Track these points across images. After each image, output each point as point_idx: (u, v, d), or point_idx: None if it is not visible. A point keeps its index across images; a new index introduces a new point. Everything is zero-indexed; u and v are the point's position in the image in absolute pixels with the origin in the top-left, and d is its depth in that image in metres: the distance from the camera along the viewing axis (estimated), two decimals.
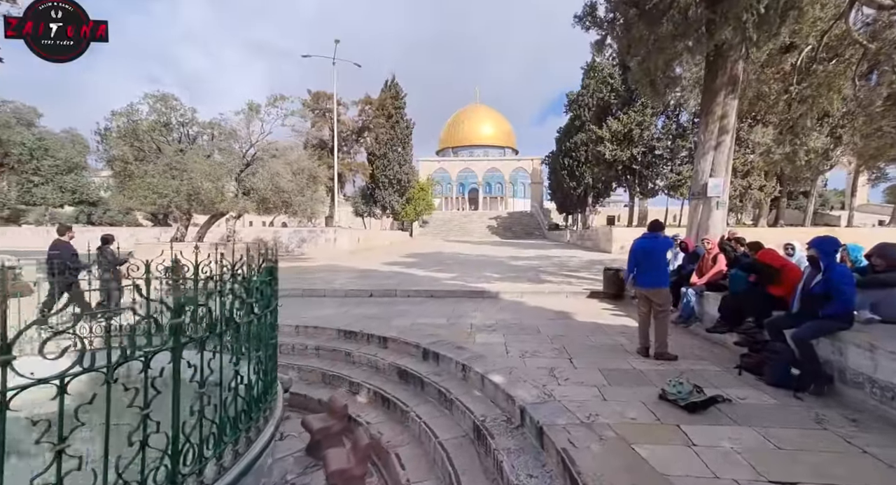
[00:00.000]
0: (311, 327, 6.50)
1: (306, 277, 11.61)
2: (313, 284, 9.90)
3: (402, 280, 10.85)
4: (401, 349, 5.66)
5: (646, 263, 4.66)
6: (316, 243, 20.94)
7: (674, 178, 20.24)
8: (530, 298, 8.73)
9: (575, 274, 12.28)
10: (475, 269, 13.64)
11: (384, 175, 35.99)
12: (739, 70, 7.72)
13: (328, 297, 9.06)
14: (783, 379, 3.61)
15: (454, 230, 51.39)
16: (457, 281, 10.69)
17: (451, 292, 9.11)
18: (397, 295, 9.11)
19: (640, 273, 4.73)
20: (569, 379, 4.10)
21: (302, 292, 9.23)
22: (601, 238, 23.39)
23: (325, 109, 25.21)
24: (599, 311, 7.49)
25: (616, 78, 21.50)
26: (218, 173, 11.66)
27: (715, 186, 7.92)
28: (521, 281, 10.72)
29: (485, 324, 6.48)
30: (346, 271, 13.04)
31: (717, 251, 5.67)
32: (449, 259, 17.75)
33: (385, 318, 6.99)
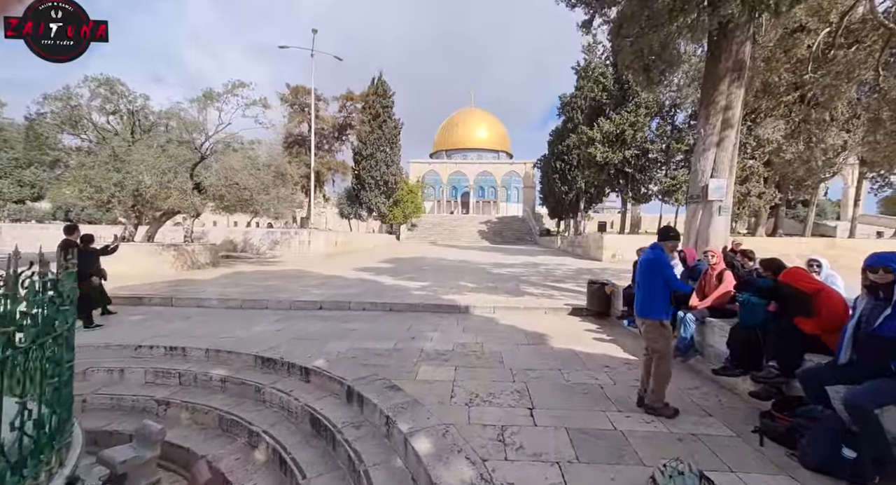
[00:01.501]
0: (226, 352, 5.27)
1: (257, 284, 10.36)
2: (256, 295, 8.65)
3: (363, 290, 9.64)
4: (324, 385, 4.45)
5: (641, 283, 3.51)
6: (289, 246, 19.67)
7: (668, 182, 19.19)
8: (503, 314, 7.56)
9: (559, 285, 11.14)
10: (452, 277, 12.46)
11: (370, 176, 34.75)
12: (746, 54, 6.65)
13: (270, 309, 7.82)
14: (830, 462, 2.47)
15: (443, 234, 50.20)
16: (426, 291, 9.50)
17: (414, 306, 7.92)
18: (350, 308, 7.90)
19: (636, 295, 3.58)
20: (523, 448, 2.92)
21: (241, 303, 7.98)
22: (591, 245, 22.32)
23: (305, 104, 23.93)
24: (580, 333, 6.33)
25: (608, 77, 20.51)
26: (163, 167, 10.39)
27: (717, 189, 6.83)
28: (497, 293, 9.55)
29: (438, 350, 5.29)
30: (308, 277, 11.79)
31: (723, 267, 4.54)
32: (428, 265, 16.56)
33: (322, 339, 5.78)
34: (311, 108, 21.96)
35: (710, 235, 6.93)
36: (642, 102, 19.57)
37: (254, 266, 15.00)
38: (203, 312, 7.47)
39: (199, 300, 8.04)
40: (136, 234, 12.54)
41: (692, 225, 7.33)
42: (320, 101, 26.35)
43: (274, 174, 14.66)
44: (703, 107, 7.12)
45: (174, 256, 12.32)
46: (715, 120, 6.86)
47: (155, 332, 6.05)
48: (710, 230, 6.95)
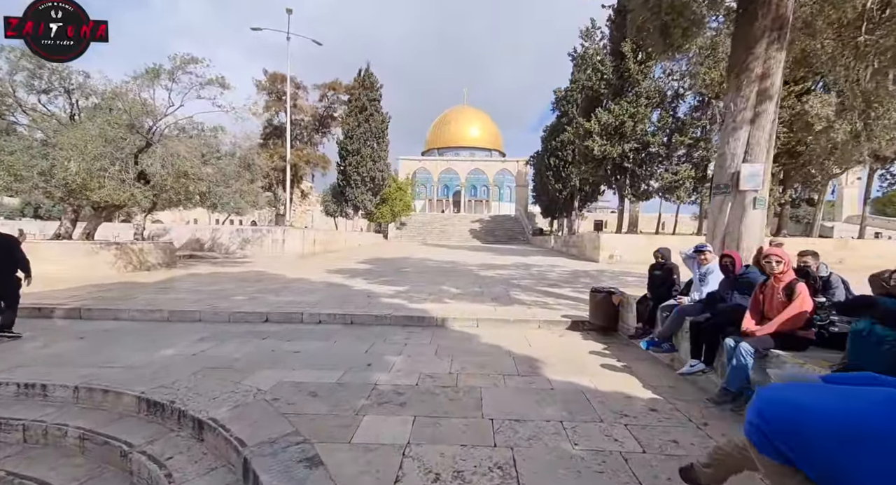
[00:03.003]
0: (101, 391, 3.83)
1: (203, 289, 8.88)
2: (194, 303, 7.19)
3: (325, 297, 8.22)
4: (219, 449, 3.05)
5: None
6: (261, 245, 18.15)
7: (670, 178, 17.97)
8: (487, 328, 6.21)
9: (554, 290, 9.82)
10: (434, 280, 11.09)
11: (356, 172, 33.23)
12: (789, 8, 5.36)
13: (204, 322, 6.38)
14: None
15: (433, 233, 48.83)
16: (399, 299, 8.12)
17: (380, 319, 6.53)
18: (303, 320, 6.49)
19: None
20: None
21: (168, 315, 6.52)
22: (587, 245, 21.07)
23: (283, 92, 22.29)
24: (584, 357, 4.99)
25: (607, 65, 19.24)
26: (95, 152, 8.85)
27: (751, 176, 5.53)
28: (483, 300, 8.20)
29: (396, 387, 3.91)
30: (268, 280, 10.33)
31: (792, 277, 3.21)
32: (410, 266, 15.16)
33: (247, 367, 4.37)
34: (288, 96, 20.35)
35: (742, 233, 5.64)
36: (643, 92, 18.31)
37: (215, 267, 13.48)
38: (115, 327, 6.00)
39: (116, 312, 6.55)
40: (73, 231, 10.98)
41: (718, 221, 6.03)
42: (299, 89, 24.75)
43: (239, 164, 13.15)
44: (732, 76, 5.82)
45: (115, 256, 10.78)
46: (748, 91, 5.56)
47: (22, 358, 4.58)
48: (743, 227, 5.66)
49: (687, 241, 13.73)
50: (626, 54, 18.22)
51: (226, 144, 12.73)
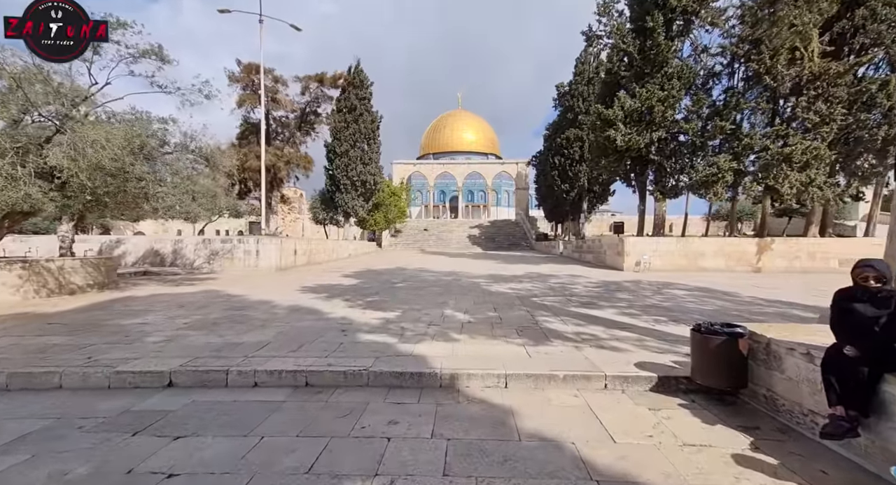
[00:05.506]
0: None
1: (108, 323, 6.43)
2: (48, 358, 4.72)
3: (279, 333, 5.79)
4: None
5: None
6: (231, 258, 15.68)
7: (706, 171, 15.45)
8: (523, 393, 3.83)
9: (594, 313, 7.42)
10: (433, 301, 8.69)
11: (345, 176, 30.86)
12: None
13: (65, 389, 3.96)
14: None
15: (430, 240, 46.44)
16: (385, 334, 5.71)
17: (354, 375, 4.12)
18: (228, 383, 4.08)
19: None
20: None
21: (7, 380, 4.08)
22: (608, 251, 18.69)
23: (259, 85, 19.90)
24: (721, 470, 2.58)
25: (629, 42, 16.89)
26: None
27: None
28: (504, 332, 5.81)
29: None
30: (218, 306, 7.89)
31: None
32: (404, 281, 12.75)
33: None
34: (262, 86, 17.96)
35: None
36: (673, 72, 15.96)
37: (165, 287, 11.01)
38: None
39: None
40: None
41: None
42: (278, 82, 22.43)
43: (193, 160, 10.77)
44: None
45: (21, 278, 8.33)
46: None
47: None
48: None
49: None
50: (653, 28, 15.98)
51: (176, 135, 10.35)
